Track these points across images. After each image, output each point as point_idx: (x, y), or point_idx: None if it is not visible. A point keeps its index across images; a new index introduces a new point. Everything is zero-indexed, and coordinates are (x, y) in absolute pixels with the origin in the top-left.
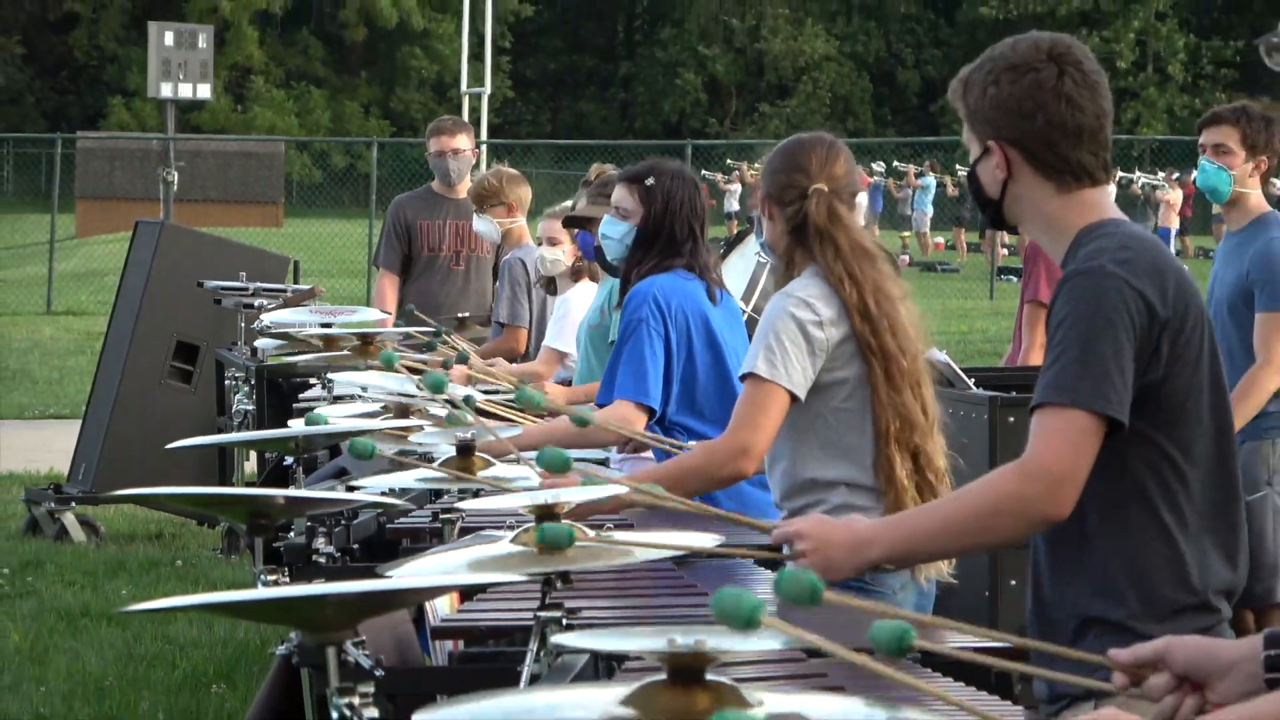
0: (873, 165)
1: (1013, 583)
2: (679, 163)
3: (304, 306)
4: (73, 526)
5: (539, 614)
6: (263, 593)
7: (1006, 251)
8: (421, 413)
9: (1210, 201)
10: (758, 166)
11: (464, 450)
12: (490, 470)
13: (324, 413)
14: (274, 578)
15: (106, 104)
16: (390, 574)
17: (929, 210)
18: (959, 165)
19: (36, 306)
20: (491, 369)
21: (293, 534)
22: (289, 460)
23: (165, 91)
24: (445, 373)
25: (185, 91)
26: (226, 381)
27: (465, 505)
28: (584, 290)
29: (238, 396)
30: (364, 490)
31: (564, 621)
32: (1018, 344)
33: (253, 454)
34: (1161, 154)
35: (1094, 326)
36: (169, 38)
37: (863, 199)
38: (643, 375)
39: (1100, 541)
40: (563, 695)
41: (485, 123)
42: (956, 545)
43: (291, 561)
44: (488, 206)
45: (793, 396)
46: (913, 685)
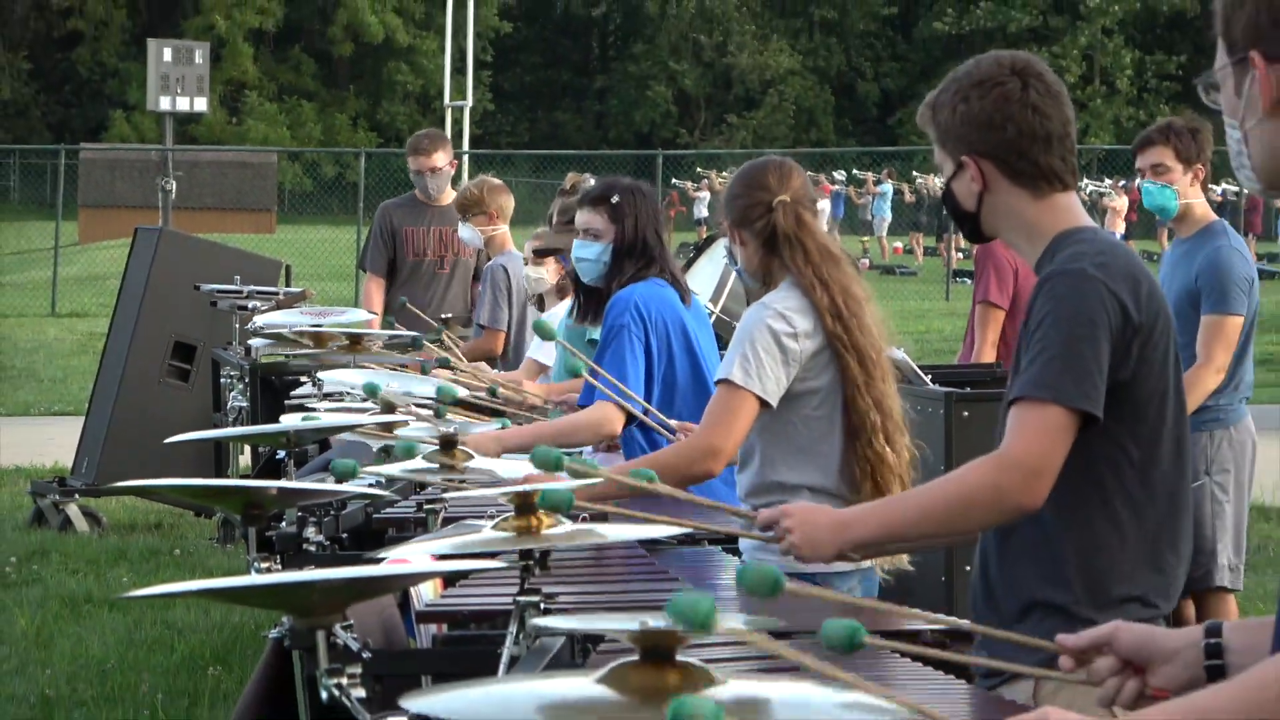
0: (834, 174)
1: (967, 569)
2: (630, 178)
3: (295, 308)
4: (76, 517)
5: (518, 599)
6: (256, 579)
7: (961, 255)
8: (407, 409)
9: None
10: (725, 175)
11: (447, 444)
12: (473, 463)
13: (314, 410)
14: (266, 565)
15: (108, 117)
16: (383, 557)
17: (888, 216)
18: (916, 173)
19: (41, 309)
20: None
21: (284, 524)
22: (281, 454)
23: (164, 105)
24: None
25: (183, 105)
26: (222, 379)
27: (448, 496)
28: (568, 306)
29: (233, 394)
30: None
31: (542, 606)
32: (970, 342)
33: (247, 448)
34: (1108, 163)
35: (1075, 326)
36: (167, 54)
37: (825, 206)
38: (624, 379)
39: (1055, 530)
40: (541, 677)
41: (467, 134)
42: (933, 531)
43: (283, 550)
44: (470, 215)
45: (764, 403)
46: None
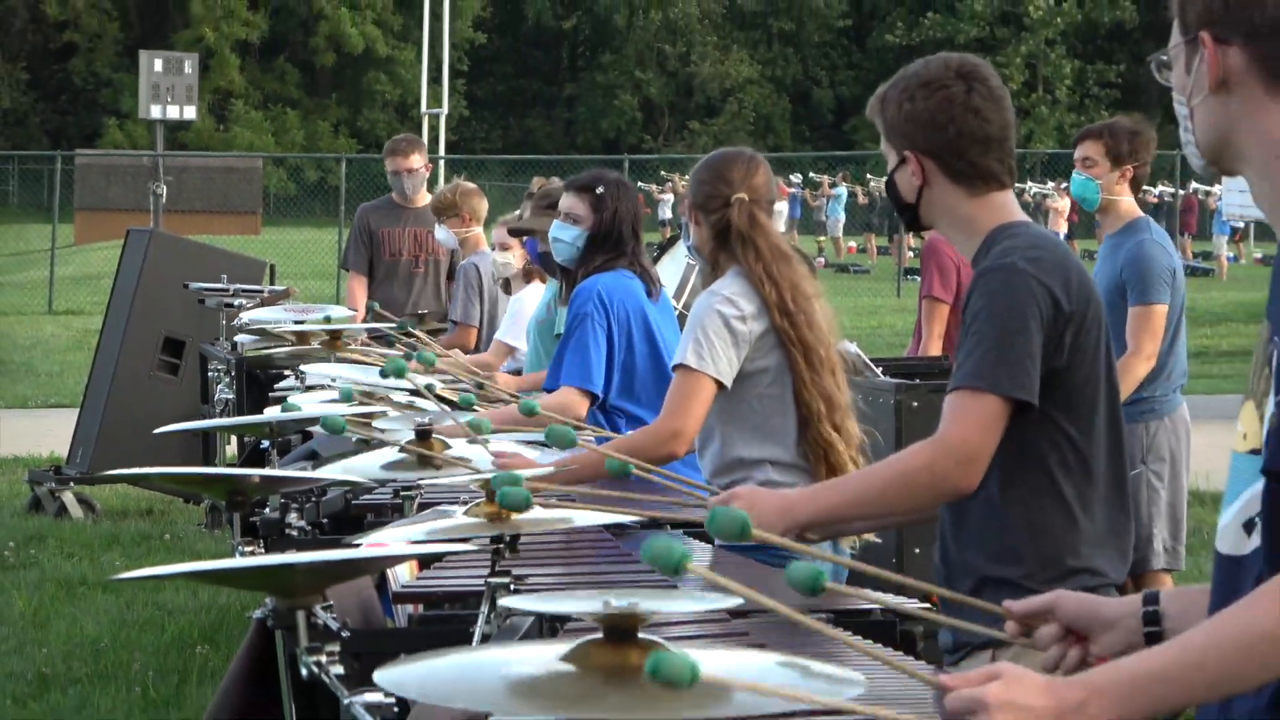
0: (791, 177)
1: (916, 550)
2: (618, 173)
3: (279, 305)
4: (71, 504)
5: (489, 580)
6: (240, 562)
7: (913, 254)
8: (385, 400)
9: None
10: (688, 179)
11: (423, 433)
12: (448, 451)
13: (296, 400)
14: (250, 549)
15: (102, 124)
16: (361, 541)
17: (842, 217)
18: (869, 176)
19: (39, 307)
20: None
21: (268, 509)
22: (265, 443)
23: (155, 113)
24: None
25: (173, 113)
26: (209, 373)
27: (424, 482)
28: (535, 290)
29: (219, 386)
30: (331, 469)
31: (512, 586)
32: (918, 337)
33: (233, 438)
34: (1051, 166)
35: (1008, 318)
36: (158, 65)
37: (782, 207)
38: (587, 364)
39: (1004, 509)
40: (509, 652)
41: (443, 140)
42: (875, 511)
43: (266, 534)
44: (445, 218)
45: (719, 384)
46: (833, 636)
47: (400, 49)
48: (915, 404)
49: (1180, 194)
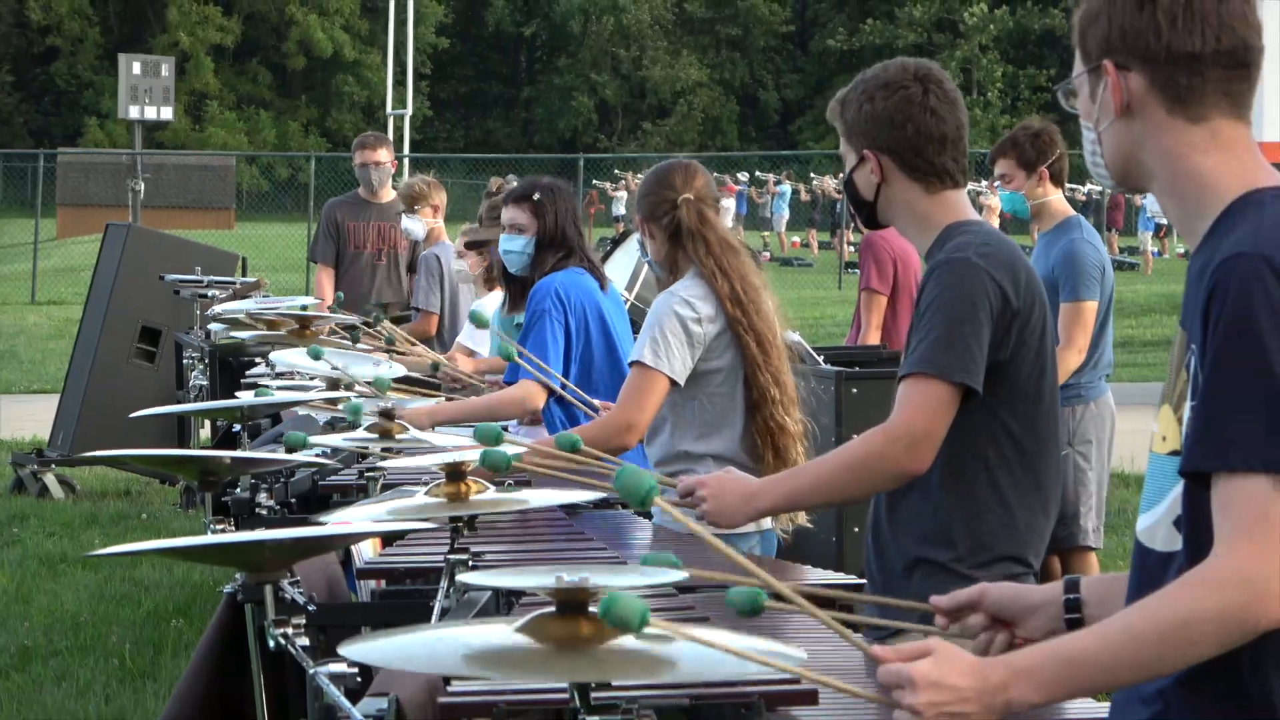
0: (738, 175)
1: (855, 530)
2: (551, 177)
3: (250, 296)
4: (53, 485)
5: (448, 557)
6: (212, 539)
7: (853, 249)
8: (350, 386)
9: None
10: (640, 176)
11: (385, 417)
12: (408, 435)
13: (270, 386)
14: (222, 527)
15: (83, 124)
16: (327, 520)
17: (786, 214)
18: (812, 175)
19: (22, 298)
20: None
21: (239, 490)
22: (237, 427)
23: (133, 113)
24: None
25: (151, 113)
26: (184, 360)
27: (387, 464)
28: (495, 298)
29: (193, 373)
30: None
31: (470, 563)
32: (857, 326)
33: (207, 422)
34: (984, 166)
35: (959, 309)
36: (136, 67)
37: (729, 204)
38: (545, 358)
39: (940, 495)
40: (467, 629)
41: (408, 139)
42: (831, 496)
43: (237, 513)
44: (418, 207)
45: (673, 382)
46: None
47: (367, 53)
48: (855, 390)
49: (1107, 192)
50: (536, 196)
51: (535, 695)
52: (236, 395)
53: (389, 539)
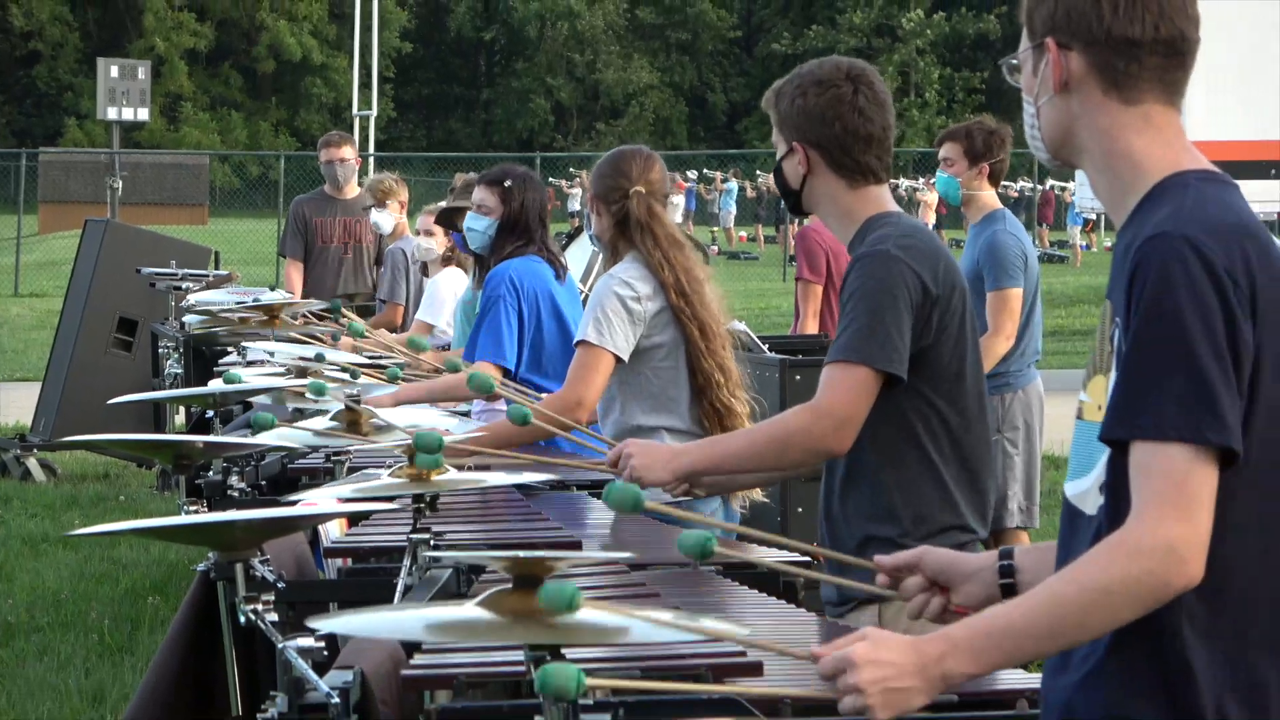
0: (687, 173)
1: (799, 509)
2: (526, 168)
3: (223, 289)
4: (35, 469)
5: (411, 536)
6: (186, 520)
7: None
8: (318, 374)
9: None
10: (591, 172)
11: (351, 404)
12: (373, 419)
13: (237, 373)
14: (195, 508)
15: (63, 124)
16: (296, 500)
17: (733, 209)
18: (758, 173)
19: (6, 290)
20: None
21: (211, 472)
22: (210, 413)
23: (111, 114)
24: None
25: (128, 114)
26: (159, 349)
27: (352, 448)
28: (451, 274)
29: (169, 362)
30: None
31: (431, 542)
32: (798, 315)
33: (181, 408)
34: (921, 163)
35: (880, 299)
36: (114, 70)
37: (679, 200)
38: (499, 341)
39: (881, 475)
40: (429, 608)
41: (373, 139)
42: (754, 465)
43: (210, 495)
44: (387, 202)
45: (617, 358)
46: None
47: (334, 57)
48: (798, 376)
49: (1039, 189)
50: (508, 184)
51: (494, 667)
52: (209, 383)
53: (355, 519)
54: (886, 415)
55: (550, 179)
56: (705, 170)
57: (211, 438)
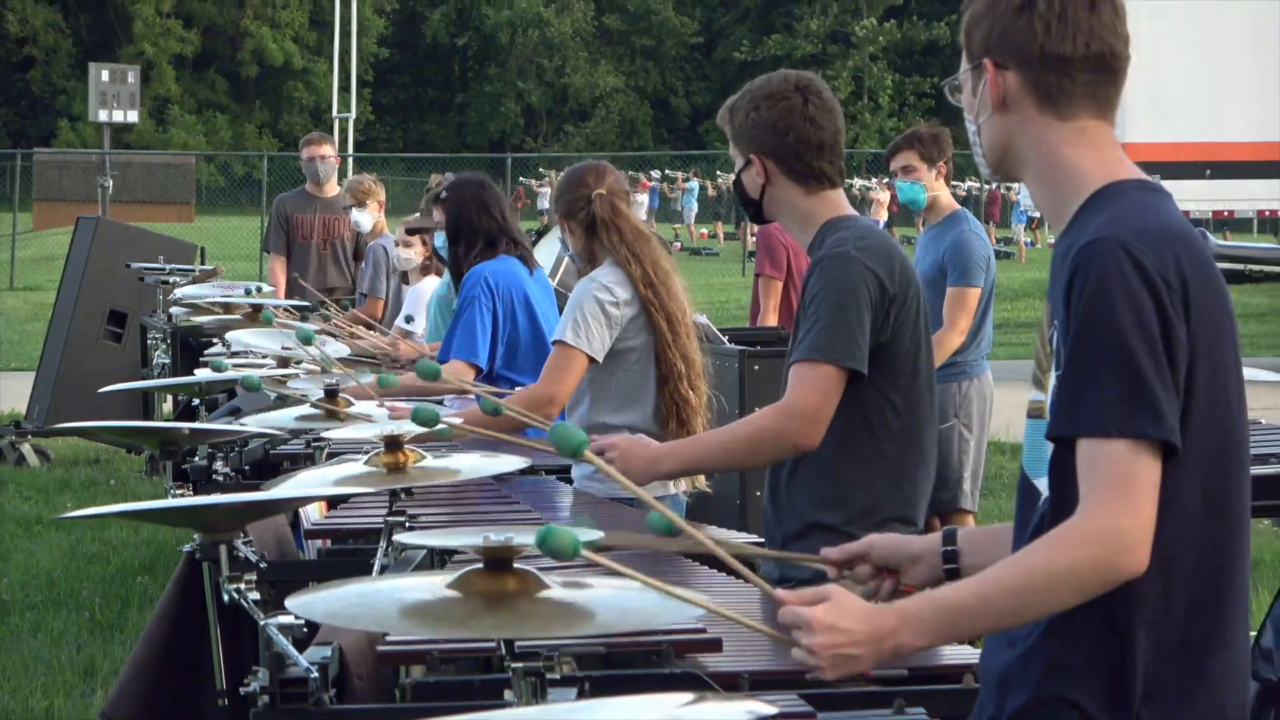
0: (651, 173)
1: (758, 494)
2: (471, 172)
3: (208, 283)
4: (29, 454)
5: (387, 519)
6: (172, 503)
7: (755, 239)
8: (298, 363)
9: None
10: (553, 199)
11: (330, 393)
12: (352, 409)
13: (223, 362)
14: (181, 492)
15: (57, 126)
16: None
17: (695, 208)
18: (719, 173)
19: (2, 284)
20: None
21: (197, 458)
22: (195, 401)
23: (102, 116)
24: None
25: (118, 116)
26: (148, 341)
27: (331, 435)
28: (431, 282)
29: (157, 352)
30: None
31: (406, 525)
32: (755, 308)
33: (168, 396)
34: (874, 164)
35: (840, 299)
36: (105, 74)
37: (644, 199)
38: (474, 340)
39: (831, 464)
40: (404, 580)
41: (351, 140)
42: (728, 464)
43: (196, 479)
44: (366, 202)
45: (591, 360)
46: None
47: (315, 62)
48: (757, 367)
49: (986, 188)
50: (443, 195)
51: (466, 644)
52: (195, 372)
53: (334, 502)
54: (843, 408)
55: (521, 178)
56: (668, 170)
57: (197, 424)
